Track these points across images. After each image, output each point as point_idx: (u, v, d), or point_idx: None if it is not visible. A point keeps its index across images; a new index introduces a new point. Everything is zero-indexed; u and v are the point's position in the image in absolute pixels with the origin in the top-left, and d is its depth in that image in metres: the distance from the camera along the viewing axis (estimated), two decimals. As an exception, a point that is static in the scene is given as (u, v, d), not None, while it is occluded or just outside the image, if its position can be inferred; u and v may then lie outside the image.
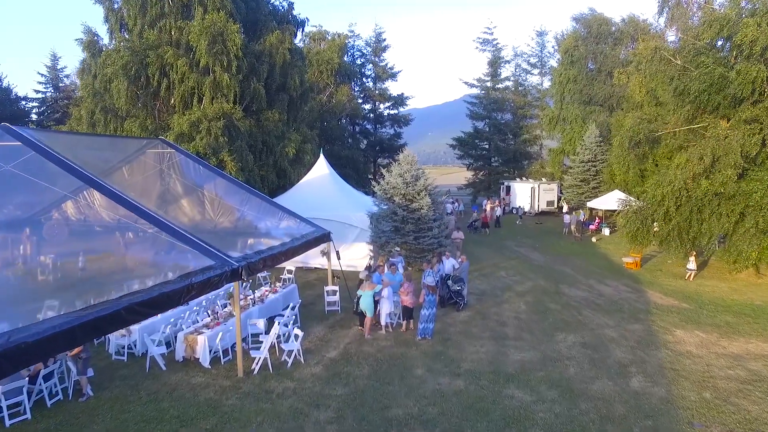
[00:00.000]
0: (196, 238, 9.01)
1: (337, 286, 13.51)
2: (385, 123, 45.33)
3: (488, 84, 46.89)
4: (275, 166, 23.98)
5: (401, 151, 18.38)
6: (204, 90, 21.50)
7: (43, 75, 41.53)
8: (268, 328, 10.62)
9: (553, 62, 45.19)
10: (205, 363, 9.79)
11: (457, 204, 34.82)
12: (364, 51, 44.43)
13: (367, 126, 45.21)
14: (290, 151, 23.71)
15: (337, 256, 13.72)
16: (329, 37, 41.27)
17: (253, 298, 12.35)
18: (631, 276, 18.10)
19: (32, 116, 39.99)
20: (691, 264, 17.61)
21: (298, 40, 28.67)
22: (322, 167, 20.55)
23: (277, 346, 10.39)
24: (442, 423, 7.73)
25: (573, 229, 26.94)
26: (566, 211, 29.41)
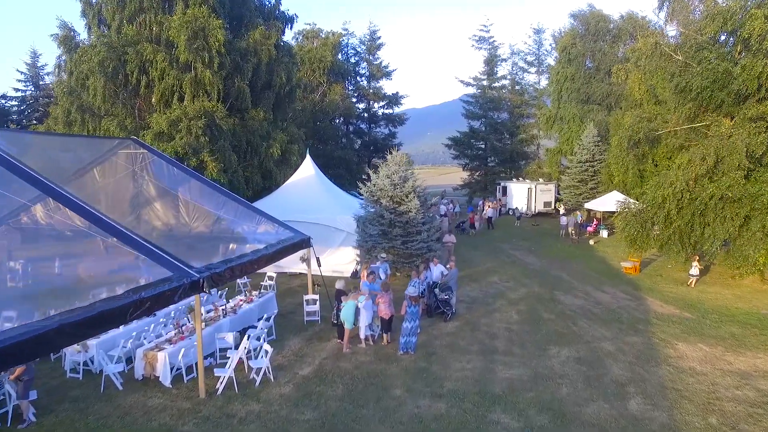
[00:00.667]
0: (154, 247, 8.20)
1: (317, 295, 12.70)
2: (379, 122, 44.46)
3: (484, 83, 46.03)
4: (260, 167, 23.13)
5: (396, 151, 17.61)
6: (185, 87, 20.63)
7: (23, 73, 40.57)
8: (239, 342, 9.79)
9: (551, 60, 44.37)
10: (166, 382, 8.99)
11: (452, 205, 34.01)
12: (359, 49, 43.65)
13: (361, 126, 44.36)
14: (275, 151, 22.83)
15: (318, 262, 12.93)
16: (323, 35, 40.46)
17: (225, 309, 11.52)
18: (630, 282, 17.28)
19: (12, 116, 39.03)
20: (694, 270, 16.74)
21: (290, 38, 27.87)
22: (308, 168, 19.71)
23: (246, 363, 9.56)
24: (418, 455, 6.92)
25: (570, 231, 26.08)
26: (563, 213, 28.55)
